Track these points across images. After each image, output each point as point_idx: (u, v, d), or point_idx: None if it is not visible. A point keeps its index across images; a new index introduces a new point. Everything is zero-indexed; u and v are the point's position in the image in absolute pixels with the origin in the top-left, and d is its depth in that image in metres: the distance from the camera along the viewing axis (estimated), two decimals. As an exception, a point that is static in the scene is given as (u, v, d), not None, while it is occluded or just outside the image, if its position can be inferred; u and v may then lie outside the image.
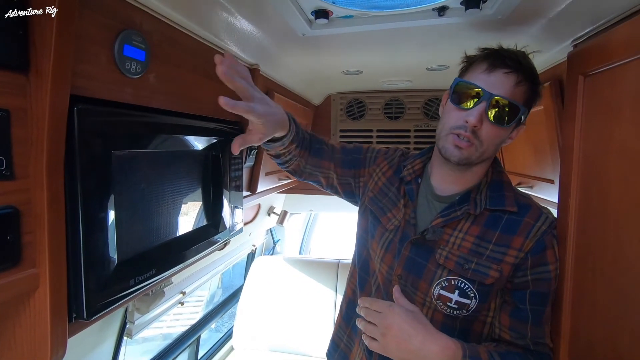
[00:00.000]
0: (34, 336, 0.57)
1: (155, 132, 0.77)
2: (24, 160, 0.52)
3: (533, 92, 0.78)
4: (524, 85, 0.75)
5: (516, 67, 0.74)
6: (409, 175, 0.93)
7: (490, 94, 0.74)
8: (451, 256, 0.81)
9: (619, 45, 0.66)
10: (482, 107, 0.74)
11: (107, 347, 1.31)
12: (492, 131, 0.76)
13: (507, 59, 0.74)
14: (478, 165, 0.83)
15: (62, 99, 0.53)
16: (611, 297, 0.66)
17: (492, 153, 0.82)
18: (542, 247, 0.77)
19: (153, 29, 0.74)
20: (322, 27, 0.96)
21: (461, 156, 0.78)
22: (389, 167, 0.99)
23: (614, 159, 0.66)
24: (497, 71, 0.74)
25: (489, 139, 0.77)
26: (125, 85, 0.68)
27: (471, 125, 0.75)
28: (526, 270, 0.77)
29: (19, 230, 0.52)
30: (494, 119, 0.75)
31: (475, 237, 0.80)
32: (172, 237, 0.83)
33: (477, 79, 0.76)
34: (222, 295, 3.06)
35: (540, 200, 0.99)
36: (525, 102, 0.77)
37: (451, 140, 0.78)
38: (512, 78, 0.74)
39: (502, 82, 0.74)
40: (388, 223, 0.91)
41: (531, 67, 0.77)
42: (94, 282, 0.61)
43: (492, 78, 0.75)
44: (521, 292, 0.78)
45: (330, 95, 2.03)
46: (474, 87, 0.76)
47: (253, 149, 1.33)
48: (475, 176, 0.85)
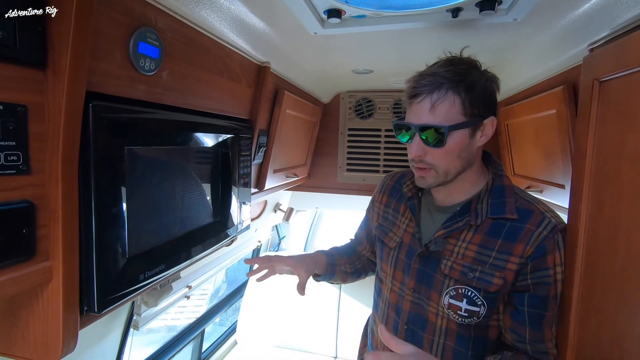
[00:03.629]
0: (46, 327, 0.58)
1: (167, 129, 0.78)
2: (40, 155, 0.53)
3: (467, 94, 0.76)
4: (442, 101, 0.76)
5: (428, 89, 0.76)
6: (409, 191, 0.96)
7: (416, 125, 0.78)
8: (456, 266, 0.82)
9: (636, 51, 0.65)
10: (416, 139, 0.79)
11: (114, 338, 1.34)
12: (437, 154, 0.79)
13: (418, 87, 0.77)
14: (463, 175, 0.84)
15: (78, 96, 0.54)
16: (619, 305, 0.65)
17: (462, 165, 0.81)
18: (542, 252, 0.77)
19: (167, 27, 0.74)
20: (335, 27, 0.96)
21: (427, 183, 0.84)
22: (383, 194, 1.06)
23: (628, 166, 0.65)
24: (413, 103, 0.79)
25: (440, 161, 0.80)
26: (139, 82, 0.69)
27: (415, 157, 0.80)
28: (526, 275, 0.78)
29: (34, 224, 0.53)
30: (431, 144, 0.78)
31: (478, 246, 0.81)
32: (182, 233, 0.84)
33: (407, 113, 0.82)
34: (226, 289, 3.08)
35: (549, 205, 0.98)
36: (457, 112, 0.76)
37: (415, 173, 0.85)
38: (426, 103, 0.77)
39: (419, 110, 0.78)
40: (390, 242, 0.96)
41: (449, 76, 0.75)
42: (105, 276, 0.62)
43: (412, 110, 0.80)
44: (521, 294, 0.79)
45: (339, 94, 2.03)
46: (402, 124, 0.82)
47: (262, 146, 1.34)
48: (473, 184, 0.86)
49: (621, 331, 0.65)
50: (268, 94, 1.29)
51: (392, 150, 1.98)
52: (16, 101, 0.49)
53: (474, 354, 0.84)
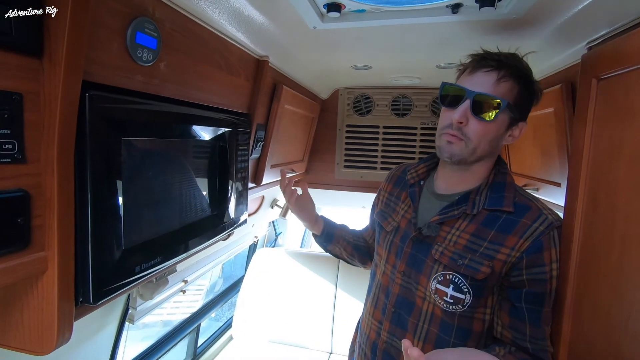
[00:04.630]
0: (41, 318, 0.58)
1: (165, 121, 0.77)
2: (36, 144, 0.53)
3: (522, 88, 0.81)
4: (506, 81, 0.79)
5: (497, 65, 0.79)
6: (412, 178, 0.99)
7: (472, 92, 0.79)
8: (446, 252, 0.84)
9: (634, 49, 0.65)
10: (465, 105, 0.80)
11: (110, 331, 1.33)
12: (478, 127, 0.80)
13: (489, 60, 0.80)
14: (477, 165, 0.86)
15: (74, 85, 0.54)
16: (614, 302, 0.66)
17: (487, 151, 0.84)
18: (538, 247, 0.78)
19: (165, 17, 0.73)
20: (334, 21, 0.95)
21: (452, 151, 0.83)
22: (389, 183, 1.09)
23: (624, 165, 0.66)
24: (478, 71, 0.81)
25: (477, 135, 0.81)
26: (136, 72, 0.68)
27: (456, 121, 0.80)
28: (521, 270, 0.79)
29: (29, 213, 0.53)
30: (478, 115, 0.79)
31: (471, 235, 0.83)
32: (179, 226, 0.84)
33: (462, 81, 0.83)
34: (222, 285, 3.08)
35: (545, 203, 0.99)
36: (513, 98, 0.80)
37: (443, 138, 0.84)
38: (493, 75, 0.79)
39: (483, 80, 0.80)
40: (388, 226, 0.98)
41: (517, 65, 0.81)
42: (101, 267, 0.62)
43: (474, 78, 0.81)
44: (517, 290, 0.80)
45: (337, 90, 2.02)
46: (457, 87, 0.82)
47: (260, 141, 1.33)
48: (477, 177, 0.88)
49: (614, 327, 0.65)
50: (266, 88, 1.28)
51: (390, 147, 1.99)
52: (11, 89, 0.48)
53: (457, 342, 0.85)
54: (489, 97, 0.79)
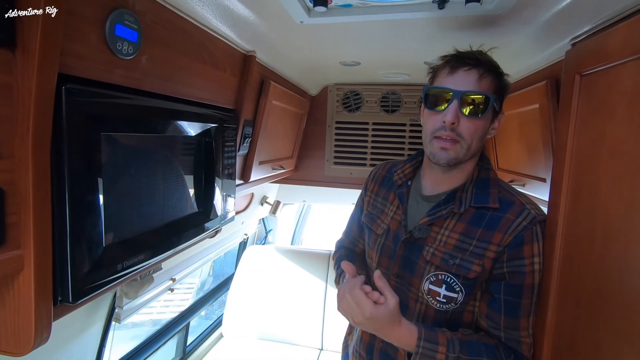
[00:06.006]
0: (18, 318, 0.56)
1: (147, 116, 0.76)
2: (9, 139, 0.51)
3: (499, 82, 0.83)
4: (487, 77, 0.81)
5: (474, 63, 0.80)
6: (399, 179, 0.98)
7: (458, 91, 0.79)
8: (437, 253, 0.84)
9: (615, 45, 0.66)
10: (454, 105, 0.79)
11: (96, 331, 1.31)
12: (470, 125, 0.81)
13: (465, 59, 0.81)
14: (467, 163, 0.87)
15: (49, 78, 0.52)
16: (595, 296, 0.67)
17: (479, 147, 0.85)
18: (519, 242, 0.79)
19: (146, 9, 0.72)
20: (321, 16, 0.95)
21: (449, 157, 0.82)
22: (375, 183, 1.06)
23: (606, 159, 0.66)
24: (459, 71, 0.81)
25: (470, 133, 0.81)
26: (116, 66, 0.67)
27: (449, 123, 0.80)
28: (502, 263, 0.80)
29: (3, 210, 0.51)
30: (469, 113, 0.80)
31: (460, 234, 0.83)
32: (162, 223, 0.82)
33: (444, 82, 0.82)
34: (212, 283, 3.06)
35: (531, 198, 1.00)
36: (494, 92, 0.82)
37: (436, 145, 0.83)
38: (474, 73, 0.80)
39: (466, 79, 0.80)
40: (378, 228, 0.97)
41: (490, 61, 0.83)
42: (80, 265, 0.60)
43: (456, 78, 0.81)
44: (497, 282, 0.82)
45: (327, 86, 2.01)
46: (442, 89, 0.82)
47: (247, 137, 1.32)
48: (464, 175, 0.88)
49: (597, 320, 0.66)
50: (254, 84, 1.27)
51: (380, 143, 1.99)
52: (-18, 81, 0.47)
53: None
54: (477, 94, 0.79)
